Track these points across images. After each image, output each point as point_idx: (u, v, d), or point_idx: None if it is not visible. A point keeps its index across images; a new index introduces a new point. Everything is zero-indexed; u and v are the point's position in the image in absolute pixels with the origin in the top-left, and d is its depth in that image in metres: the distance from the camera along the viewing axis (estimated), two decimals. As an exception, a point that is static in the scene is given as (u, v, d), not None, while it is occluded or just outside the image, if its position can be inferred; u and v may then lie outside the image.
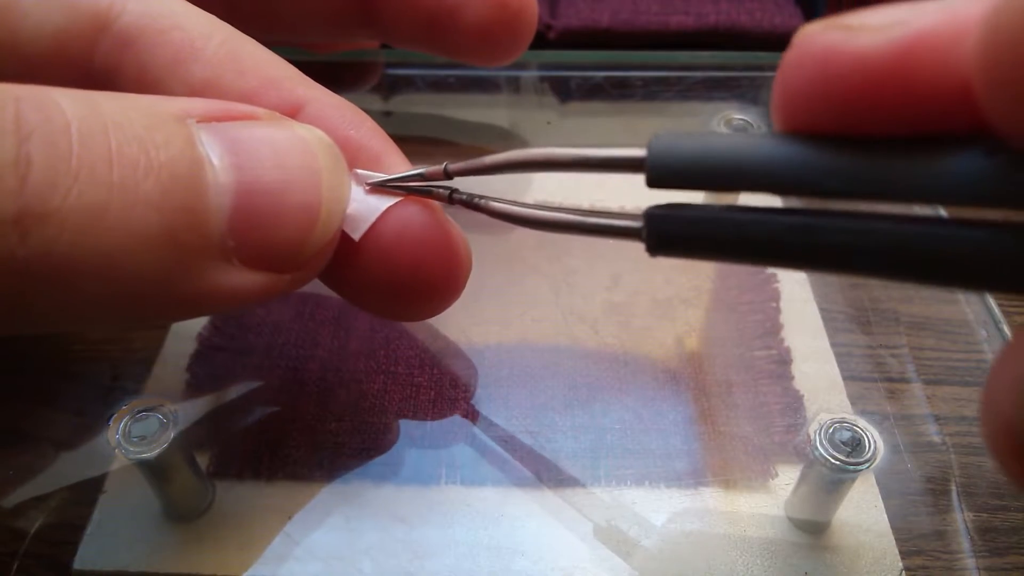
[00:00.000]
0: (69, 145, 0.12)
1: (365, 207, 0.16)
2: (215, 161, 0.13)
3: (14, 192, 0.11)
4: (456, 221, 0.18)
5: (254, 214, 0.14)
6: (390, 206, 0.17)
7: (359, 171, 0.17)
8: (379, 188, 0.17)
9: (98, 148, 0.12)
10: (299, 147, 0.14)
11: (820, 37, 0.10)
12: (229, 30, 0.16)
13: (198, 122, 0.14)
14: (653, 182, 0.12)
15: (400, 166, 0.17)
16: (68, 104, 0.12)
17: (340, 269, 0.17)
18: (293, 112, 0.16)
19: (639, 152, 0.12)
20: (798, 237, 0.11)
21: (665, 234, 0.13)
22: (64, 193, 0.11)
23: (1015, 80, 0.08)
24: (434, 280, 0.17)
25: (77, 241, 0.12)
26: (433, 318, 0.24)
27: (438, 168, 0.16)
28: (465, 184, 0.16)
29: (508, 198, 0.16)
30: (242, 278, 0.14)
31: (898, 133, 0.10)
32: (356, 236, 0.16)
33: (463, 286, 0.18)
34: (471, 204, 0.16)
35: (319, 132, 0.15)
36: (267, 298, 0.15)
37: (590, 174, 0.14)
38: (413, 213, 0.17)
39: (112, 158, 0.12)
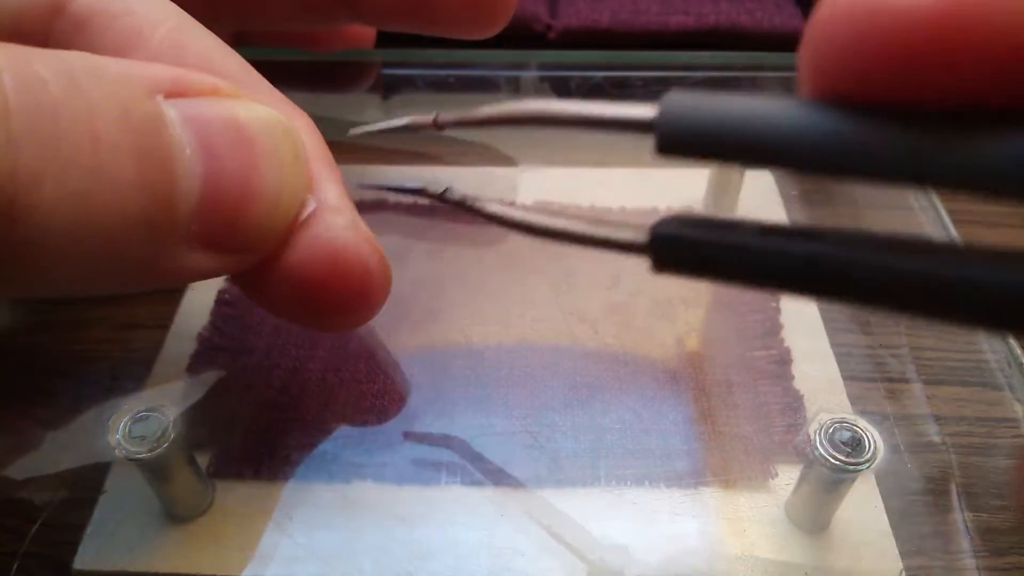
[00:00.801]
0: (56, 129, 0.12)
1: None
2: (187, 148, 0.13)
3: (4, 183, 0.11)
4: (456, 221, 0.18)
5: (219, 201, 0.14)
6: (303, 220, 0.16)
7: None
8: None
9: (83, 132, 0.12)
10: (263, 131, 0.15)
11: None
12: (180, 18, 0.16)
13: (164, 97, 0.14)
14: (663, 148, 0.11)
15: (326, 183, 0.17)
16: (52, 79, 0.12)
17: (251, 278, 0.16)
18: None
19: (648, 112, 0.11)
20: (821, 273, 0.10)
21: (672, 256, 0.12)
22: (53, 182, 0.12)
23: None
24: (345, 298, 0.17)
25: (62, 228, 0.12)
26: (433, 318, 0.25)
27: (427, 118, 0.16)
28: (460, 183, 0.16)
29: (504, 199, 0.16)
30: (197, 259, 0.14)
31: (949, 103, 0.09)
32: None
33: (379, 304, 0.18)
34: (463, 205, 0.16)
35: (279, 115, 0.15)
36: (216, 276, 0.15)
37: (594, 141, 0.13)
38: (325, 229, 0.16)
39: (97, 143, 0.12)
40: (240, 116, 0.14)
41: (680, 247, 0.12)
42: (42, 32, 0.15)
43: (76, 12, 0.15)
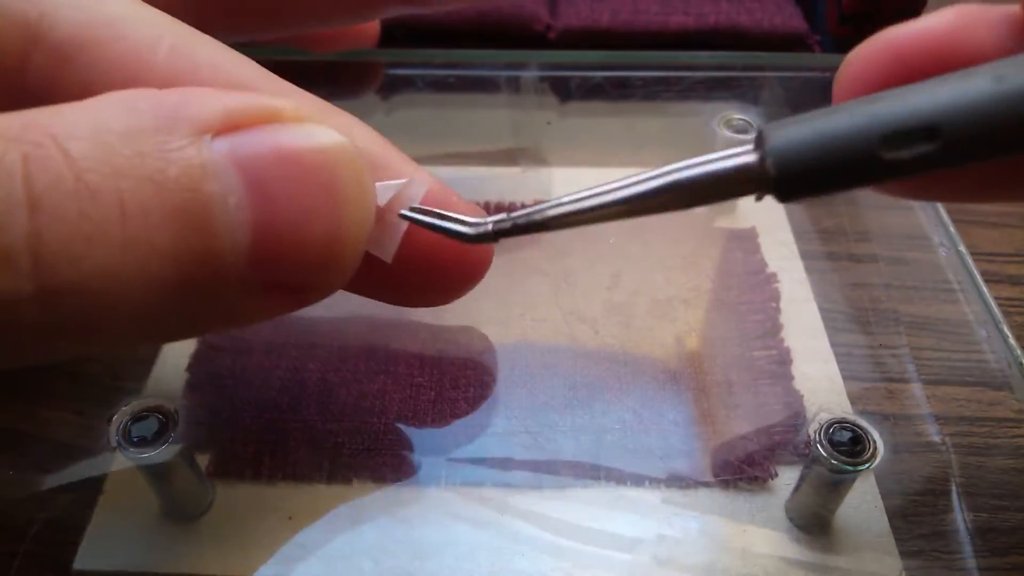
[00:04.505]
0: (80, 208, 0.11)
1: (390, 224, 0.15)
2: (231, 199, 0.12)
3: (28, 273, 0.11)
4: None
5: (273, 246, 0.13)
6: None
7: (379, 184, 0.15)
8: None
9: (109, 204, 0.11)
10: (320, 165, 0.13)
11: (884, 34, 0.14)
12: (179, 30, 0.15)
13: (214, 136, 0.12)
14: (785, 195, 0.12)
15: (404, 166, 0.16)
16: (78, 151, 0.11)
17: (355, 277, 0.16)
18: None
19: (750, 158, 0.12)
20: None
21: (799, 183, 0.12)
22: (78, 264, 0.11)
23: None
24: (452, 274, 0.17)
25: (94, 303, 0.11)
26: (433, 319, 0.25)
27: (486, 224, 0.15)
28: (461, 183, 0.16)
29: (504, 199, 0.16)
30: (262, 302, 0.14)
31: None
32: (388, 258, 0.15)
33: (483, 273, 0.18)
34: (522, 227, 0.14)
35: (341, 140, 0.14)
36: (287, 313, 0.14)
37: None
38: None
39: (124, 212, 0.11)
40: (297, 147, 0.13)
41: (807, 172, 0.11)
42: (15, 68, 0.14)
43: (57, 42, 0.14)
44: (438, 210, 0.15)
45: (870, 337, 0.25)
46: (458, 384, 0.23)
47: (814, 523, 0.20)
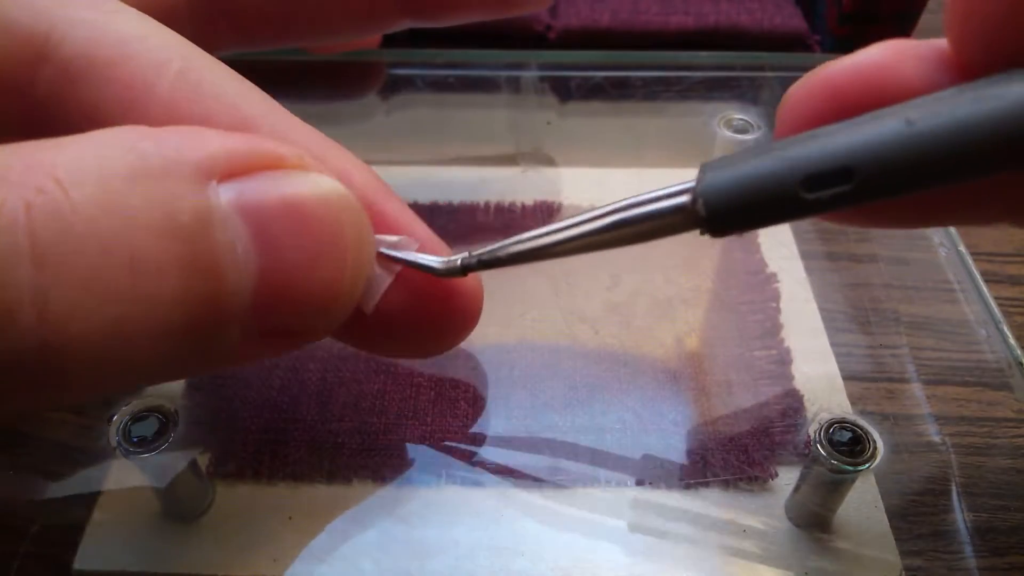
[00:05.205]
0: (87, 261, 0.11)
1: (373, 277, 0.16)
2: (238, 246, 0.12)
3: (33, 329, 0.10)
4: (456, 221, 0.18)
5: (276, 295, 0.13)
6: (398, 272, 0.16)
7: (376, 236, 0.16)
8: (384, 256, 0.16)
9: (119, 257, 0.11)
10: (327, 212, 0.13)
11: (820, 69, 0.14)
12: (186, 53, 0.14)
13: (219, 182, 0.12)
14: (716, 230, 0.12)
15: (401, 211, 0.16)
16: (83, 201, 0.11)
17: (343, 328, 0.16)
18: None
19: (684, 198, 0.13)
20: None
21: (729, 219, 0.12)
22: (84, 318, 0.11)
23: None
24: (441, 327, 0.17)
25: (98, 356, 0.11)
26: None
27: (455, 261, 0.15)
28: (461, 183, 0.16)
29: (503, 200, 0.16)
30: (257, 346, 0.13)
31: None
32: (368, 309, 0.16)
33: (474, 321, 0.18)
34: (487, 263, 0.15)
35: (344, 190, 0.14)
36: (276, 356, 0.15)
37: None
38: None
39: (132, 264, 0.11)
40: (302, 196, 0.13)
41: (736, 210, 0.12)
42: (24, 82, 0.14)
43: (66, 60, 0.14)
44: (411, 253, 0.16)
45: (870, 337, 0.25)
46: (458, 384, 0.23)
47: (814, 523, 0.20)
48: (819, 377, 0.23)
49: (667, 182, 0.13)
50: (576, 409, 0.22)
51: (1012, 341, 0.24)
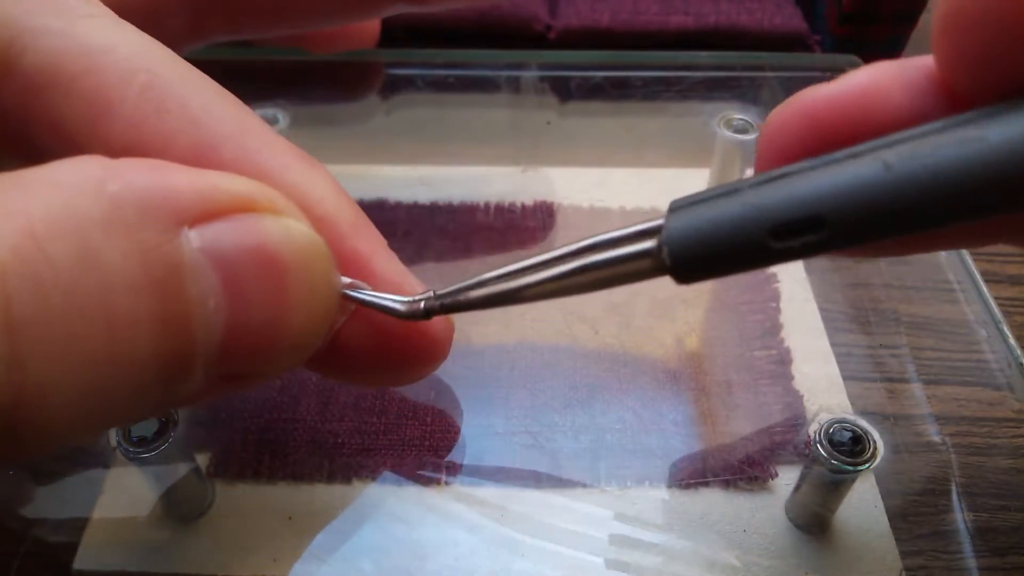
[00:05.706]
0: (65, 328, 0.10)
1: None
2: (210, 302, 0.12)
3: (6, 396, 0.10)
4: (455, 221, 0.18)
5: (242, 342, 0.13)
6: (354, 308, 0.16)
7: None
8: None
9: (95, 318, 0.11)
10: (295, 258, 0.13)
11: (797, 97, 0.14)
12: (156, 65, 0.14)
13: (190, 227, 0.12)
14: (682, 277, 0.12)
15: (373, 238, 0.16)
16: (61, 258, 0.10)
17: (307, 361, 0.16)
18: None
19: (650, 243, 0.12)
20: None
21: (695, 266, 0.12)
22: (61, 383, 0.10)
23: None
24: (406, 362, 0.17)
25: (71, 415, 0.11)
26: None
27: (418, 304, 0.15)
28: (461, 183, 0.16)
29: (504, 200, 0.16)
30: (216, 388, 0.13)
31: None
32: (319, 342, 0.15)
33: (442, 356, 0.17)
34: (448, 307, 0.15)
35: (314, 237, 0.13)
36: (232, 394, 0.14)
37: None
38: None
39: (108, 325, 0.11)
40: (271, 242, 0.13)
41: (700, 256, 0.12)
42: None
43: (30, 71, 0.13)
44: (373, 293, 0.15)
45: (870, 337, 0.25)
46: (458, 384, 0.23)
47: (814, 523, 0.20)
48: (819, 377, 0.23)
49: (667, 182, 0.13)
50: (576, 409, 0.22)
51: (1012, 341, 0.24)
